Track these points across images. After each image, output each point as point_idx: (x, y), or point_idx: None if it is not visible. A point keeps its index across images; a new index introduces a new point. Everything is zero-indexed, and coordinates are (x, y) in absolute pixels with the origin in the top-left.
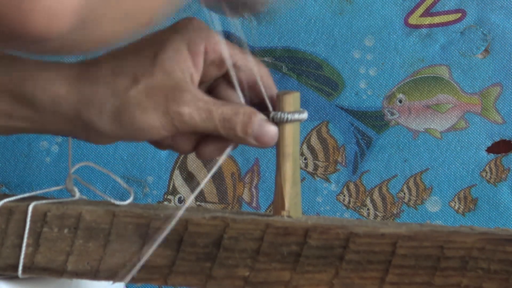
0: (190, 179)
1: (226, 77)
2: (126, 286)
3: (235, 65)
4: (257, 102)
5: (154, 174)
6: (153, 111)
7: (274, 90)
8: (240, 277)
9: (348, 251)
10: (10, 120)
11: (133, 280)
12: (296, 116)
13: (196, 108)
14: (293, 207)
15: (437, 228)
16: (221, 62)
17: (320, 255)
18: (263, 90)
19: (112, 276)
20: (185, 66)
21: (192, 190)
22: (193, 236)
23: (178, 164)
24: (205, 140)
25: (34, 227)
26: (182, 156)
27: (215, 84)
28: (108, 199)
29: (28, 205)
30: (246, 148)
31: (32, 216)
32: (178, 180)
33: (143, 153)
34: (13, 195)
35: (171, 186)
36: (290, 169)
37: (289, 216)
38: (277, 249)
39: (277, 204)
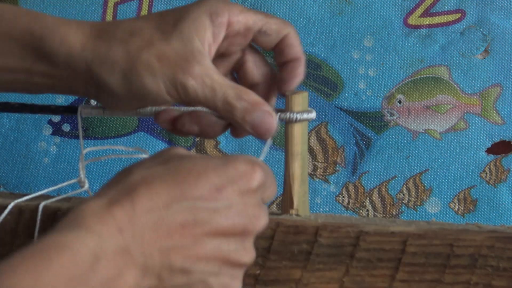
0: None
1: (253, 55)
2: None
3: (260, 31)
4: (284, 63)
5: None
6: (161, 76)
7: (300, 50)
8: (251, 275)
9: (358, 249)
10: (30, 76)
11: None
12: (305, 115)
13: (201, 84)
14: (302, 205)
15: (445, 226)
16: (246, 30)
17: (330, 253)
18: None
19: None
20: (204, 36)
21: None
22: None
23: None
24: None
25: (45, 226)
26: None
27: (242, 61)
28: None
29: (38, 204)
30: (245, 148)
31: (42, 215)
32: None
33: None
34: (23, 194)
35: None
36: (299, 168)
37: (297, 215)
38: (288, 248)
39: (286, 202)
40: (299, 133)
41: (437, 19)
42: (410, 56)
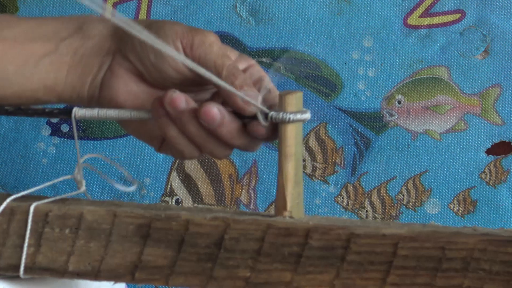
0: (188, 181)
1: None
2: (127, 286)
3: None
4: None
5: (151, 176)
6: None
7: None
8: (241, 277)
9: (349, 252)
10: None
11: (134, 280)
12: (299, 116)
13: (217, 42)
14: (295, 207)
15: (439, 228)
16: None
17: (321, 256)
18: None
19: (113, 276)
20: None
21: (190, 192)
22: (194, 237)
23: (176, 166)
24: None
25: (36, 227)
26: None
27: None
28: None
29: (29, 205)
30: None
31: (33, 216)
32: (176, 182)
33: (140, 154)
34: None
35: (168, 188)
36: (293, 169)
37: (291, 217)
38: (278, 250)
39: (279, 204)
40: (292, 134)
41: (436, 19)
42: (409, 56)
